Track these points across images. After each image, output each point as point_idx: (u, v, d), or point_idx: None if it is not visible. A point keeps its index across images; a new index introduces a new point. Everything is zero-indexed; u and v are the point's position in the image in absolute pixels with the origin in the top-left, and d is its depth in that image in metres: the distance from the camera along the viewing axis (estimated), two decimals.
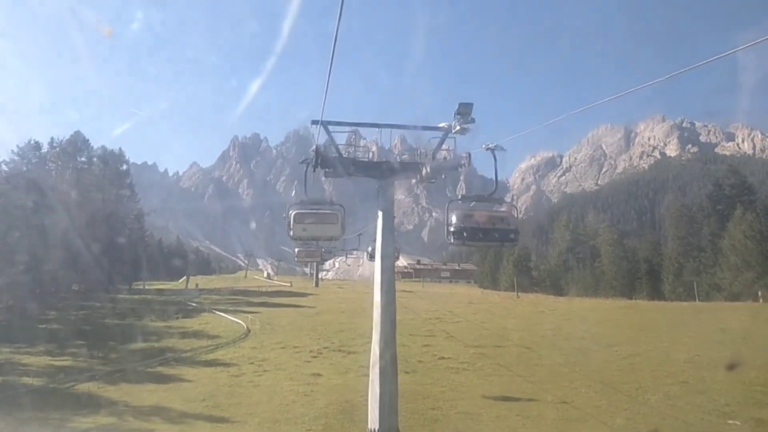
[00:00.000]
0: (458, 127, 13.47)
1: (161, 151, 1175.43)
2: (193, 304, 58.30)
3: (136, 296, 66.18)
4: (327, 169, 14.20)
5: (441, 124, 14.25)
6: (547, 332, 39.66)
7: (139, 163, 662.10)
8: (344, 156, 14.02)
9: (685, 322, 42.91)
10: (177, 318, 48.87)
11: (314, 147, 13.59)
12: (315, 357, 33.68)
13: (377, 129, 14.56)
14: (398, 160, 14.84)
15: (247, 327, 43.59)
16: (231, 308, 55.26)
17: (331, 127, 14.16)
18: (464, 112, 13.25)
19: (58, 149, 69.78)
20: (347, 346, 36.59)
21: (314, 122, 13.84)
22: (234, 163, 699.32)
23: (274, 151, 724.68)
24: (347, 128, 14.65)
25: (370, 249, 15.17)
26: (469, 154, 13.46)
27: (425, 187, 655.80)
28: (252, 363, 32.43)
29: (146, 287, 78.80)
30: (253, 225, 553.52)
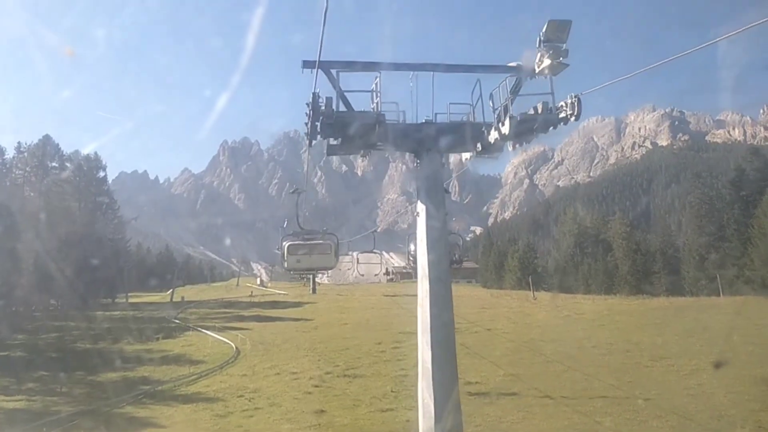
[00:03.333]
0: (547, 62, 8.17)
1: (151, 158, 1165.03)
2: (177, 321, 52.68)
3: (116, 313, 60.40)
4: (332, 140, 8.90)
5: (512, 64, 8.97)
6: (583, 343, 34.39)
7: (129, 171, 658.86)
8: (360, 113, 8.67)
9: (732, 322, 37.70)
10: (157, 339, 43.25)
11: (311, 97, 8.23)
12: (316, 386, 28.19)
13: (407, 76, 9.18)
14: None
15: (236, 348, 38.09)
16: (219, 324, 49.77)
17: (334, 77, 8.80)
18: (557, 35, 7.96)
19: (26, 154, 64.10)
20: (353, 369, 31.28)
21: (307, 65, 8.53)
22: (224, 167, 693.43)
23: (266, 154, 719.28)
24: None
25: (411, 248, 10.55)
26: (579, 100, 8.06)
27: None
28: (241, 396, 26.98)
29: (129, 301, 73.07)
30: (245, 230, 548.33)
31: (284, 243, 13.31)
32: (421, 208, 8.92)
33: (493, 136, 8.59)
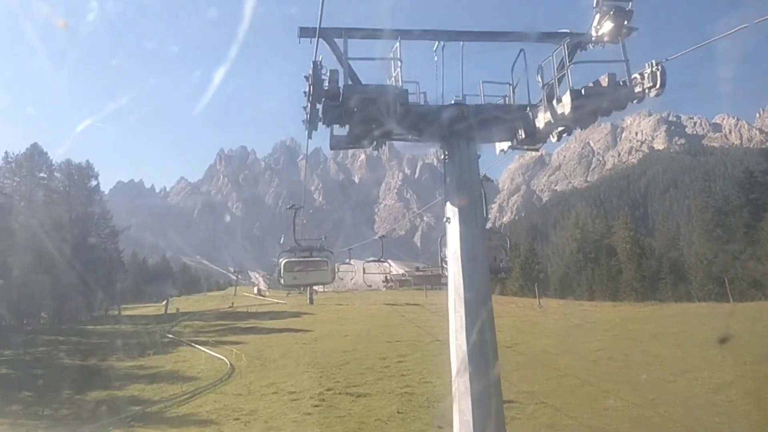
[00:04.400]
0: (609, 26, 6.45)
1: (148, 167, 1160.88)
2: (170, 336, 50.63)
3: (108, 326, 58.46)
4: (336, 124, 7.09)
5: (563, 30, 7.23)
6: (598, 355, 32.58)
7: (125, 180, 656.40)
8: (377, 88, 6.82)
9: (751, 330, 35.86)
10: (149, 355, 41.27)
11: (310, 69, 6.42)
12: (317, 405, 26.25)
13: (428, 49, 7.39)
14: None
15: (231, 364, 36.13)
16: (214, 337, 47.79)
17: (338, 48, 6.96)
18: None
19: (13, 164, 62.09)
20: (355, 386, 29.37)
21: (305, 33, 6.76)
22: (221, 176, 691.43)
23: (263, 163, 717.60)
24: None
25: (443, 252, 8.69)
26: (662, 70, 6.28)
27: (415, 191, 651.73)
28: (236, 419, 25.05)
29: (122, 313, 71.07)
30: (242, 239, 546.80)
31: (281, 259, 12.48)
32: (451, 211, 7.11)
33: (544, 119, 6.80)
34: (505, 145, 8.14)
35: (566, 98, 6.37)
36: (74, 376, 35.39)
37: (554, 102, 6.65)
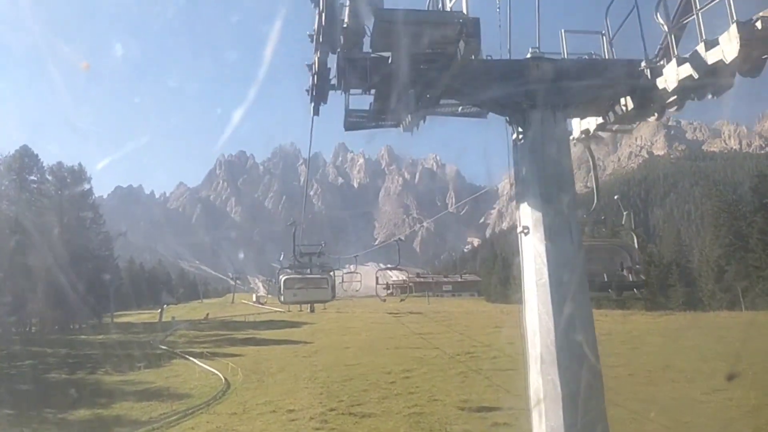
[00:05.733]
0: None
1: (147, 172, 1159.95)
2: (163, 348, 48.40)
3: (100, 337, 56.28)
4: (358, 89, 4.94)
5: None
6: (617, 371, 30.26)
7: (124, 186, 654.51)
8: (422, 15, 4.55)
9: None
10: (139, 368, 39.04)
11: (320, 10, 4.29)
12: (318, 429, 24.06)
13: None
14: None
15: (226, 379, 33.95)
16: (210, 348, 45.60)
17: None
18: None
19: (1, 167, 59.92)
20: (359, 405, 27.15)
21: None
22: (221, 181, 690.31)
23: (261, 167, 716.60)
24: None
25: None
26: None
27: (415, 196, 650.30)
28: None
29: (115, 321, 68.90)
30: (242, 243, 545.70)
31: (281, 277, 12.76)
32: (529, 216, 5.00)
33: (676, 74, 4.70)
34: (590, 123, 6.01)
35: (732, 33, 4.24)
36: (59, 393, 33.32)
37: (701, 46, 4.52)
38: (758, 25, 4.15)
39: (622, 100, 5.42)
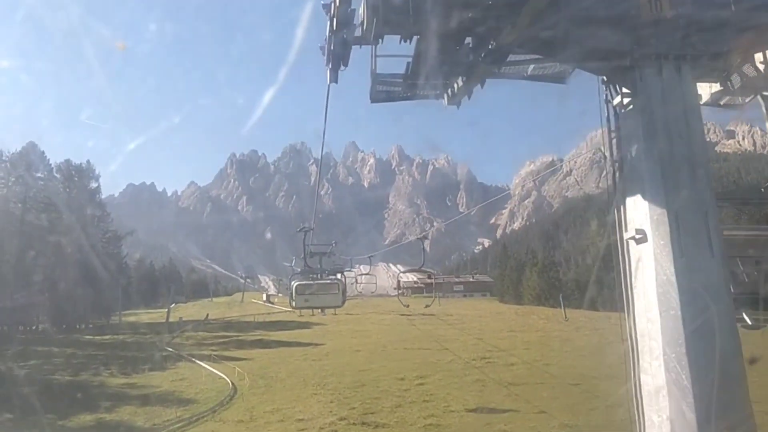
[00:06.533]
0: None
1: (159, 171, 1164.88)
2: (169, 349, 47.30)
3: (107, 336, 55.41)
4: (396, 33, 3.53)
5: None
6: None
7: (137, 183, 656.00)
8: None
9: None
10: (144, 371, 37.97)
11: None
12: None
13: None
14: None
15: (233, 384, 32.73)
16: (217, 350, 44.46)
17: None
18: None
19: (7, 164, 59.19)
20: (372, 413, 25.81)
21: None
22: (232, 180, 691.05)
23: (272, 167, 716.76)
24: None
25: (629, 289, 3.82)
26: None
27: (425, 196, 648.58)
28: None
29: (123, 320, 68.05)
30: (253, 242, 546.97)
31: (292, 283, 13.53)
32: (644, 208, 3.62)
33: None
34: (708, 88, 4.60)
35: None
36: (61, 396, 32.25)
37: None
38: None
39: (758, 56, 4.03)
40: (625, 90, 3.74)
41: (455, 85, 3.94)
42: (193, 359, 41.67)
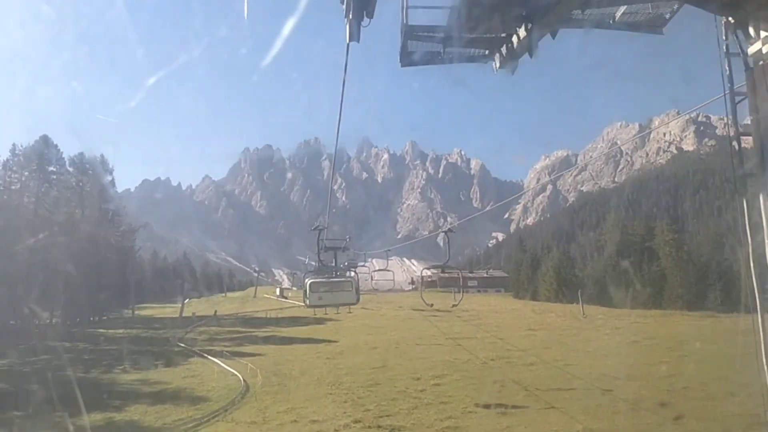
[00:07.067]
0: None
1: (174, 165, 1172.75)
2: (182, 345, 46.88)
3: (120, 331, 55.15)
4: None
5: None
6: (669, 383, 27.78)
7: (152, 179, 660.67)
8: None
9: None
10: (156, 366, 37.50)
11: None
12: None
13: None
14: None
15: (245, 381, 32.10)
16: (229, 347, 44.00)
17: None
18: None
19: (21, 157, 59.02)
20: (388, 415, 24.97)
21: None
22: (246, 175, 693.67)
23: (287, 162, 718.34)
24: None
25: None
26: None
27: (439, 190, 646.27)
28: None
29: (137, 314, 67.88)
30: (267, 236, 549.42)
31: (306, 281, 13.35)
32: None
33: None
34: None
35: None
36: (71, 393, 31.69)
37: None
38: None
39: None
40: (765, 33, 2.88)
41: (514, 40, 3.06)
42: (206, 355, 41.20)
